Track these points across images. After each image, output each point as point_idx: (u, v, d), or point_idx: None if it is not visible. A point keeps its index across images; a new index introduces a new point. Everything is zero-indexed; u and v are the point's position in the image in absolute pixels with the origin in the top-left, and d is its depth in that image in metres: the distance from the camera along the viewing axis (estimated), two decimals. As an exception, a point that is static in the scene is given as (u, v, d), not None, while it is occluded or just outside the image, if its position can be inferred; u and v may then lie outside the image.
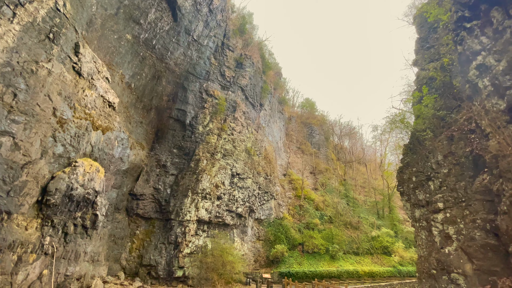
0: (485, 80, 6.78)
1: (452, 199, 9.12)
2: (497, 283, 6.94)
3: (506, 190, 6.28)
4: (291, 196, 51.87)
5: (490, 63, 6.49)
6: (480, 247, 7.69)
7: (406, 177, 12.65)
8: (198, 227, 28.99)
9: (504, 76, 6.07)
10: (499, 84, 6.28)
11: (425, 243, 9.99)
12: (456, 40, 8.29)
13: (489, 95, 6.72)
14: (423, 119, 12.95)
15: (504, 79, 6.09)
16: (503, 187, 6.45)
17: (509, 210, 6.13)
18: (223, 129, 35.70)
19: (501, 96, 6.29)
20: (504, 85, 6.13)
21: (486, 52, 6.50)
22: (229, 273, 26.70)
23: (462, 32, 7.66)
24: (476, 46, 6.88)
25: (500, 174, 6.65)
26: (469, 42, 7.20)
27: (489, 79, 6.59)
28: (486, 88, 6.79)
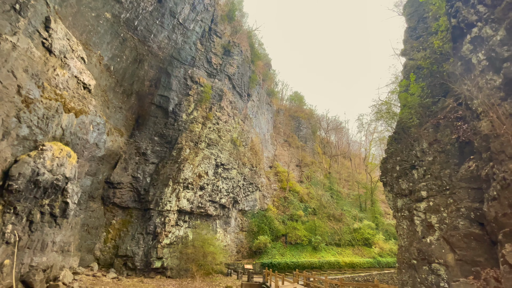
0: (479, 54, 6.32)
1: (436, 187, 8.80)
2: (480, 273, 6.66)
3: (496, 174, 5.91)
4: (276, 188, 51.80)
5: (487, 34, 6.00)
6: (463, 236, 7.39)
7: (389, 166, 12.34)
8: (179, 218, 28.10)
9: (502, 47, 5.60)
10: (495, 56, 5.81)
11: (406, 233, 9.71)
12: (450, 12, 7.77)
13: (483, 70, 6.26)
14: (409, 108, 12.60)
15: (501, 50, 5.63)
16: (493, 170, 6.08)
17: (499, 196, 5.78)
18: (208, 118, 34.56)
19: (497, 71, 5.84)
20: (501, 57, 5.67)
21: (483, 22, 6.00)
22: (210, 264, 26.18)
23: (457, 3, 7.14)
24: (472, 16, 6.36)
25: (491, 157, 6.28)
26: (464, 13, 6.68)
27: (485, 52, 6.12)
28: (480, 63, 6.32)
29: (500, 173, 5.68)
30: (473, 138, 7.45)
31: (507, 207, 5.45)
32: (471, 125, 7.23)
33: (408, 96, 12.92)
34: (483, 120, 6.41)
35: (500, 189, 5.71)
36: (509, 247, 5.24)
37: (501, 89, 5.69)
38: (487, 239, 7.02)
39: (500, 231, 5.66)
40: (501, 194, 5.70)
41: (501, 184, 5.68)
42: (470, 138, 8.10)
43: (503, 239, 5.55)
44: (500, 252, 5.61)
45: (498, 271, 6.46)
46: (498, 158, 5.82)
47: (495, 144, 5.89)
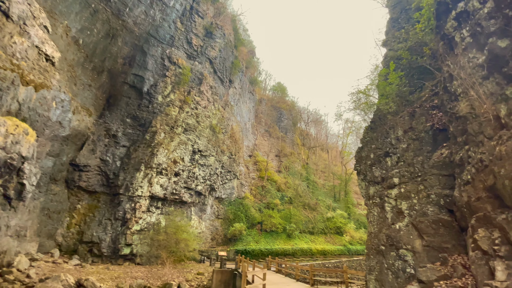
0: (463, 31, 6.15)
1: (408, 174, 8.84)
2: (447, 260, 6.73)
3: (472, 157, 5.86)
4: (254, 177, 51.85)
5: (474, 7, 5.80)
6: (432, 222, 7.46)
7: (364, 154, 12.35)
8: (151, 204, 27.02)
9: (489, 20, 5.42)
10: (480, 31, 5.64)
11: (376, 220, 9.78)
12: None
13: (466, 48, 6.12)
14: (387, 98, 12.57)
15: (488, 24, 5.45)
16: (469, 153, 6.04)
17: (473, 179, 5.74)
18: (186, 102, 33.10)
19: (481, 47, 5.69)
20: (486, 32, 5.50)
21: (471, -6, 5.78)
22: (183, 251, 25.64)
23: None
24: (459, -11, 6.17)
25: (467, 140, 6.24)
26: (451, -13, 6.49)
27: (469, 28, 5.95)
28: (464, 40, 6.17)
29: (477, 155, 5.62)
30: (448, 124, 7.44)
31: (482, 191, 5.42)
32: (449, 108, 7.16)
33: (387, 85, 12.88)
34: (462, 102, 6.33)
35: (475, 172, 5.67)
36: (482, 232, 5.24)
37: (484, 67, 5.55)
38: (455, 226, 7.13)
39: (473, 216, 5.66)
40: (475, 177, 5.66)
41: (476, 167, 5.63)
42: (444, 125, 8.13)
43: (475, 223, 5.54)
44: (471, 237, 5.61)
45: (466, 258, 6.58)
46: (476, 139, 5.76)
47: (473, 125, 5.82)
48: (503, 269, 4.45)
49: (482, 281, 4.92)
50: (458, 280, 6.07)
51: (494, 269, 4.64)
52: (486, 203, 5.31)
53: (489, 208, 5.26)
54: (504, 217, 4.86)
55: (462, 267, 6.32)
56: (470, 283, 5.75)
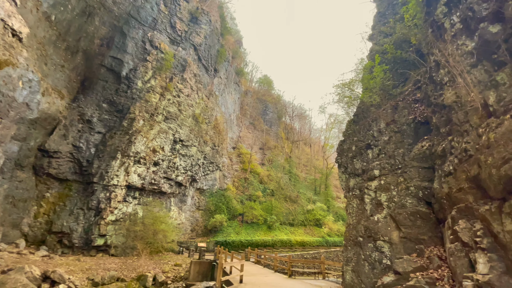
0: (453, 17, 6.05)
1: (388, 166, 8.86)
2: (424, 251, 6.79)
3: (455, 147, 5.83)
4: (237, 169, 51.52)
5: None
6: (410, 214, 7.50)
7: (346, 147, 12.33)
8: (128, 193, 25.95)
9: (481, 4, 5.31)
10: (472, 16, 5.53)
11: (355, 212, 9.80)
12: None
13: (455, 35, 6.03)
14: (371, 91, 12.53)
15: (480, 8, 5.34)
16: (452, 144, 6.01)
17: (455, 170, 5.72)
18: (167, 89, 31.78)
19: (471, 34, 5.60)
20: (478, 16, 5.39)
21: (463, -23, 5.64)
22: (161, 242, 24.99)
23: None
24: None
25: (451, 130, 6.22)
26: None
27: (460, 14, 5.85)
28: (453, 26, 6.07)
29: (461, 145, 5.58)
30: (431, 115, 7.43)
31: (464, 182, 5.39)
32: (433, 99, 7.11)
33: (371, 78, 12.83)
34: (448, 91, 6.28)
35: (458, 162, 5.65)
36: (463, 223, 5.21)
37: (473, 55, 5.47)
38: (432, 218, 7.20)
39: (453, 207, 5.65)
40: (458, 168, 5.63)
41: (459, 157, 5.60)
42: (426, 118, 8.15)
43: (456, 215, 5.52)
44: (451, 229, 5.60)
45: (442, 250, 6.65)
46: (460, 129, 5.72)
47: (459, 115, 5.77)
48: (485, 261, 4.41)
49: (461, 273, 4.90)
50: (434, 271, 6.11)
51: (475, 261, 4.61)
52: (468, 194, 5.30)
53: (471, 199, 5.24)
54: (487, 208, 4.78)
55: (438, 259, 6.37)
56: (446, 275, 5.78)
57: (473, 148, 5.09)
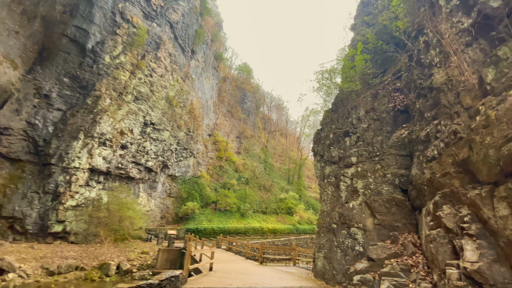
0: None
1: (366, 153, 8.82)
2: (398, 238, 6.82)
3: (442, 131, 5.75)
4: (213, 156, 50.48)
5: None
6: (385, 201, 7.51)
7: (323, 135, 12.21)
8: (91, 177, 24.05)
9: None
10: None
11: (330, 199, 9.75)
12: None
13: (451, 11, 5.88)
14: (351, 80, 12.40)
15: None
16: (438, 128, 5.94)
17: (440, 154, 5.64)
18: (139, 67, 29.52)
19: (468, 10, 5.45)
20: None
21: None
22: (127, 229, 23.73)
23: None
24: None
25: (437, 113, 6.15)
26: None
27: None
28: (449, 2, 5.91)
29: (450, 127, 5.48)
30: (415, 101, 7.37)
31: (450, 166, 5.33)
32: (419, 83, 7.02)
33: (352, 67, 12.68)
34: (437, 73, 6.17)
35: (444, 147, 5.58)
36: (447, 209, 5.13)
37: (469, 32, 5.34)
38: (408, 205, 7.27)
39: (437, 193, 5.60)
40: (444, 152, 5.57)
41: (446, 141, 5.52)
42: (406, 107, 8.15)
43: (440, 200, 5.45)
44: (432, 215, 5.54)
45: (416, 237, 6.72)
46: (450, 111, 5.63)
47: (449, 96, 5.68)
48: (473, 248, 4.27)
49: (444, 260, 4.84)
50: (408, 258, 6.13)
51: (460, 248, 4.52)
52: (453, 179, 5.25)
53: (457, 184, 5.19)
54: (477, 192, 4.62)
55: (413, 246, 6.40)
56: (421, 261, 5.80)
57: (464, 130, 5.01)
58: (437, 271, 4.84)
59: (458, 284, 4.18)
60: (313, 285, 8.51)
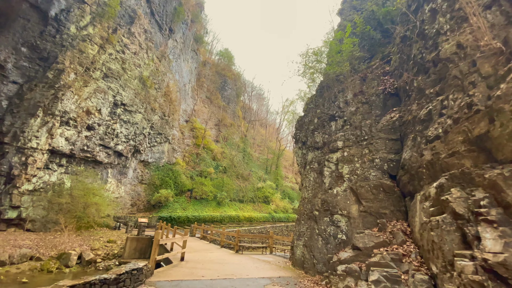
0: None
1: (353, 137, 8.41)
2: (386, 225, 6.48)
3: (450, 106, 5.31)
4: (190, 143, 48.73)
5: None
6: (373, 187, 7.16)
7: (307, 120, 11.70)
8: (51, 160, 21.78)
9: None
10: None
11: (312, 185, 9.31)
12: None
13: None
14: (338, 64, 11.89)
15: None
16: (445, 103, 5.50)
17: (446, 133, 5.21)
18: (109, 41, 26.89)
19: None
20: None
21: None
22: (93, 216, 22.02)
23: None
24: None
25: (443, 88, 5.71)
26: None
27: None
28: None
29: (462, 101, 5.02)
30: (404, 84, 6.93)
31: (460, 144, 4.88)
32: (419, 58, 6.56)
33: (338, 51, 12.16)
34: (446, 42, 5.71)
35: (453, 123, 5.15)
36: (456, 192, 4.68)
37: None
38: (397, 191, 6.95)
39: (443, 175, 5.16)
40: (452, 130, 5.12)
41: (456, 117, 5.06)
42: (396, 90, 7.77)
43: (447, 183, 5.00)
44: (434, 200, 5.09)
45: (406, 224, 6.41)
46: (463, 83, 5.15)
47: (462, 66, 5.22)
48: (495, 237, 3.75)
49: (451, 250, 4.39)
50: (399, 247, 5.77)
51: (474, 236, 4.05)
52: (464, 159, 4.83)
53: (469, 164, 4.74)
54: (498, 172, 4.09)
55: (403, 234, 6.07)
56: (413, 251, 5.44)
57: (482, 101, 4.55)
58: (440, 262, 4.45)
59: (475, 279, 3.63)
60: (291, 274, 8.11)
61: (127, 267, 5.83)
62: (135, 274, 5.81)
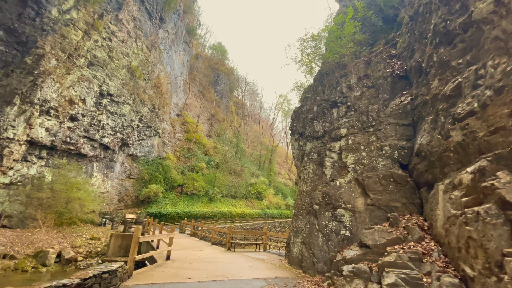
0: None
1: (359, 124, 7.67)
2: (399, 220, 5.75)
3: (489, 75, 4.52)
4: (181, 138, 47.46)
5: None
6: (381, 178, 6.43)
7: (305, 109, 10.91)
8: (30, 152, 20.37)
9: None
10: None
11: (311, 177, 8.56)
12: None
13: None
14: (340, 47, 11.08)
15: None
16: (480, 73, 4.71)
17: (485, 107, 4.45)
18: (95, 28, 25.35)
19: None
20: None
21: None
22: (76, 212, 20.80)
23: None
24: None
25: (474, 57, 4.93)
26: None
27: None
28: None
29: (508, 64, 4.24)
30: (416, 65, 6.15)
31: (506, 118, 4.09)
32: (442, 27, 5.79)
33: (339, 37, 11.35)
34: (480, 1, 4.96)
35: (494, 94, 4.39)
36: (504, 176, 3.93)
37: None
38: (410, 182, 6.24)
39: (482, 156, 4.37)
40: (492, 102, 4.32)
41: (498, 87, 4.28)
42: (406, 72, 7.02)
43: (490, 166, 4.22)
44: (463, 188, 4.30)
45: (422, 218, 5.71)
46: (507, 44, 4.37)
47: (506, 24, 4.43)
48: None
49: (498, 248, 3.69)
50: (416, 244, 5.04)
51: None
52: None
53: None
54: None
55: (420, 229, 5.35)
56: (435, 249, 4.72)
57: None
58: (481, 263, 3.71)
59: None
60: (289, 274, 7.37)
61: (96, 269, 4.91)
62: (106, 278, 4.88)
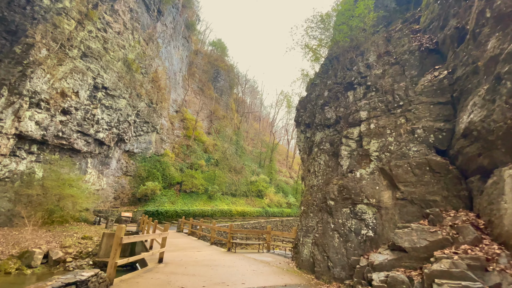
0: None
1: (382, 105, 6.65)
2: (442, 217, 4.72)
3: None
4: (180, 134, 46.44)
5: None
6: (415, 167, 5.41)
7: (314, 95, 9.86)
8: (19, 146, 19.32)
9: None
10: None
11: (323, 170, 7.56)
12: None
13: None
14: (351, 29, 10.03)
15: None
16: None
17: None
18: (89, 17, 24.24)
19: None
20: None
21: None
22: (68, 210, 19.84)
23: None
24: None
25: None
26: None
27: None
28: None
29: None
30: (457, 29, 5.12)
31: None
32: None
33: (351, 17, 10.29)
34: None
35: None
36: None
37: None
38: (452, 170, 5.18)
39: None
40: None
41: None
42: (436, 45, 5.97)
43: None
44: None
45: (472, 215, 4.69)
46: None
47: None
48: None
49: None
50: (472, 247, 4.04)
51: None
52: None
53: None
54: None
55: (475, 229, 4.34)
56: (500, 253, 3.71)
57: None
58: None
59: None
60: (300, 281, 6.36)
61: (59, 280, 3.90)
62: (75, 292, 3.90)
